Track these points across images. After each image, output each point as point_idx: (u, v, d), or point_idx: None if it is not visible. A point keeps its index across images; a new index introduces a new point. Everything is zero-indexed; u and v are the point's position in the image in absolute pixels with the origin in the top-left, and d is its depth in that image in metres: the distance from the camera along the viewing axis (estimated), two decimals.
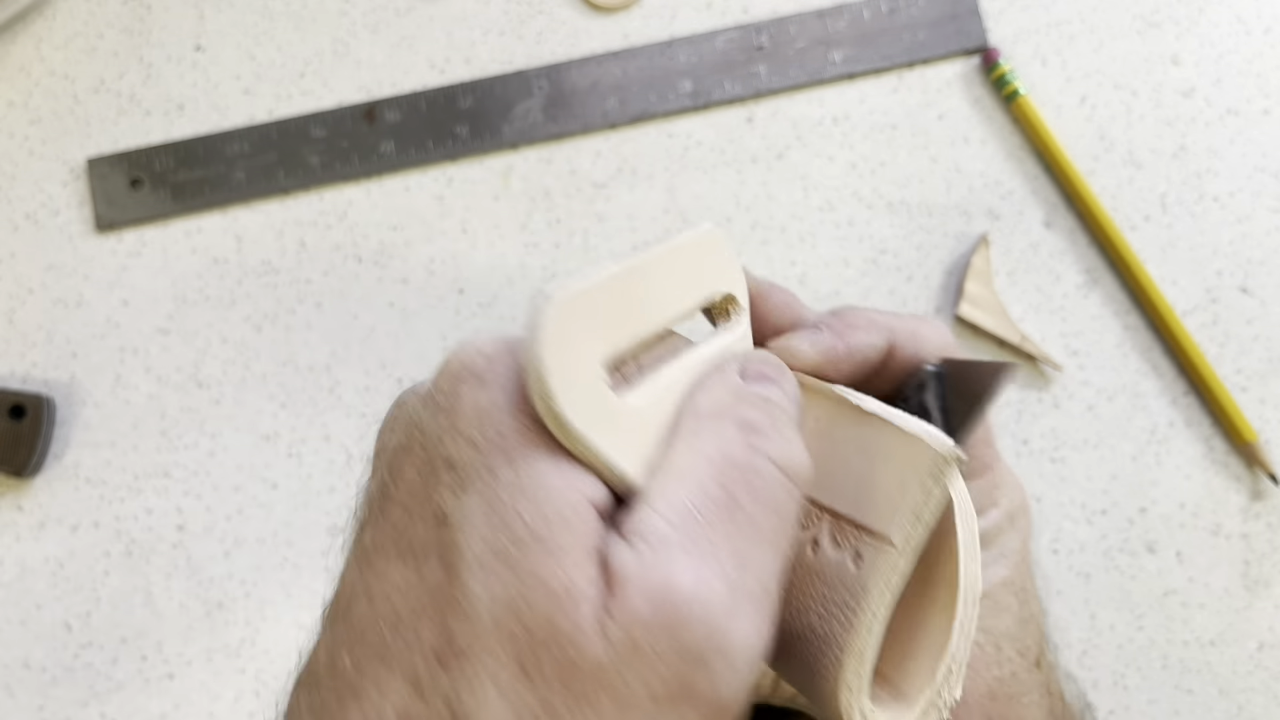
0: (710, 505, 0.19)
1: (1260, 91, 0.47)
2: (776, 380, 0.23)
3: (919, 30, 0.48)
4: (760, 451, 0.20)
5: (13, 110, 0.48)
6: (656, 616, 0.17)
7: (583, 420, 0.19)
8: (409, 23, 0.48)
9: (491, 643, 0.18)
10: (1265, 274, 0.46)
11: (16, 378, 0.46)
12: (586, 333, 0.20)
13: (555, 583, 0.17)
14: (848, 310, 0.28)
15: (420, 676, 0.18)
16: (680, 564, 0.18)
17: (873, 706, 0.22)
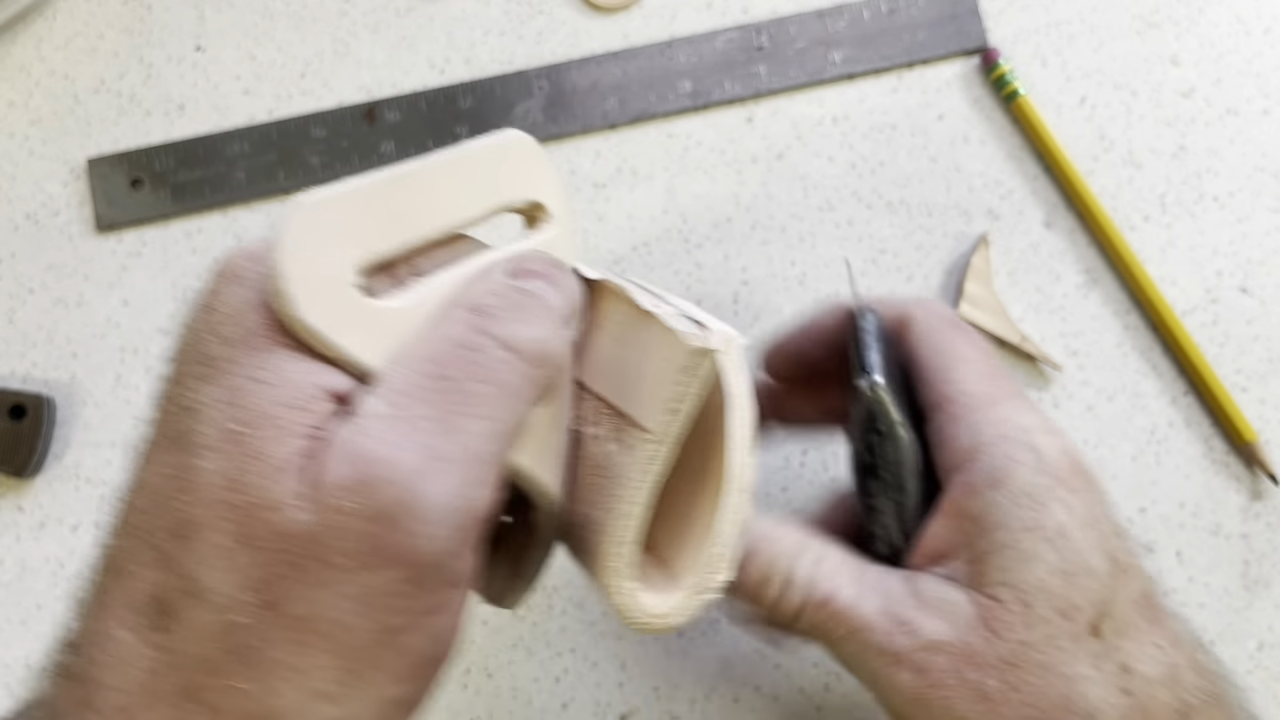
0: (422, 381, 0.20)
1: (1260, 91, 0.47)
2: (543, 275, 0.24)
3: (919, 30, 0.48)
4: (485, 332, 0.21)
5: (13, 110, 0.48)
6: (351, 479, 0.19)
7: (322, 318, 0.20)
8: (409, 23, 0.48)
9: (214, 516, 0.19)
10: (1265, 274, 0.46)
11: (16, 378, 0.46)
12: (339, 237, 0.21)
13: (269, 458, 0.19)
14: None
15: (165, 553, 0.20)
16: (379, 432, 0.19)
17: (635, 585, 0.24)
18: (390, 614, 0.19)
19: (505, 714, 0.42)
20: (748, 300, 0.46)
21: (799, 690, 0.42)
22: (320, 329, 0.20)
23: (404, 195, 0.23)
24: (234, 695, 0.19)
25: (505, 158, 0.26)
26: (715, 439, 0.25)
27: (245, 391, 0.20)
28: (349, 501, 0.19)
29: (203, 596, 0.19)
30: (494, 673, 0.42)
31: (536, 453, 0.24)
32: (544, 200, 0.27)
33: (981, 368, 0.28)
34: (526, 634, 0.43)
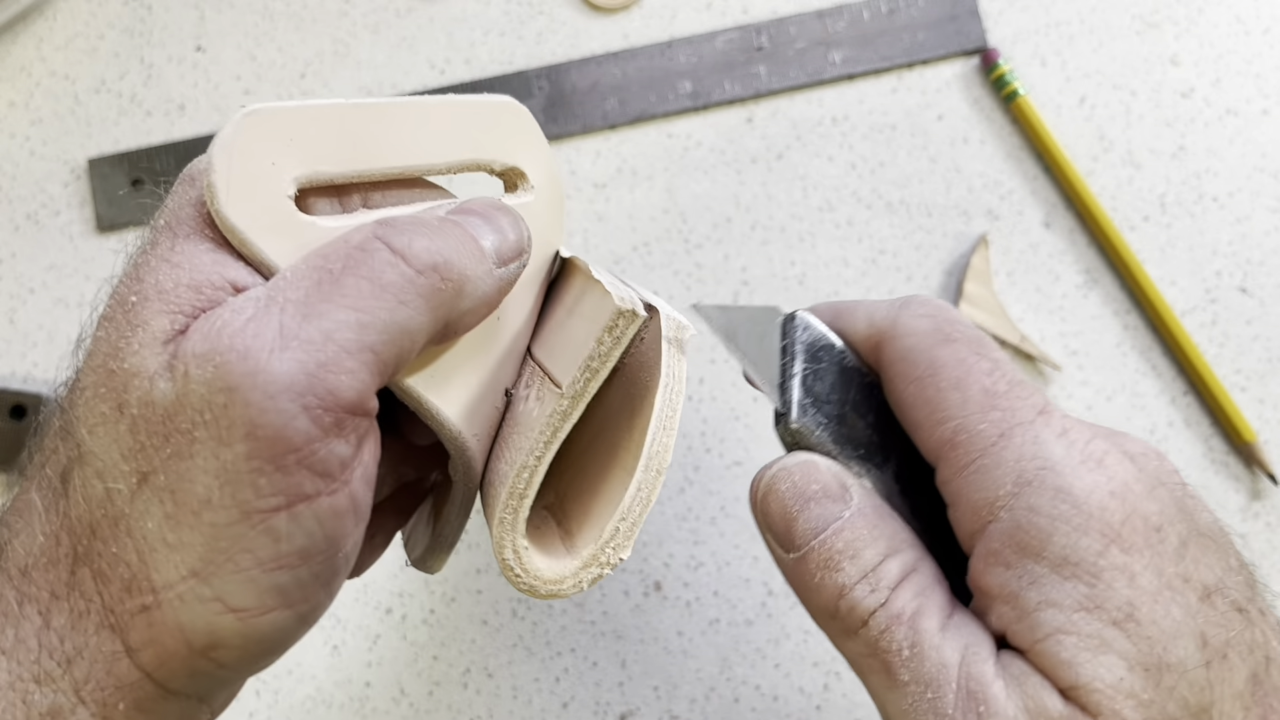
0: (304, 272, 0.21)
1: (1259, 92, 0.47)
2: (480, 213, 0.24)
3: (918, 31, 0.48)
4: (379, 237, 0.21)
5: (14, 110, 0.48)
6: (202, 350, 0.19)
7: (245, 218, 0.21)
8: (409, 23, 0.48)
9: (95, 383, 0.20)
10: (1264, 274, 0.46)
11: (17, 378, 0.46)
12: (284, 148, 0.22)
13: (149, 328, 0.20)
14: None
15: (66, 420, 0.21)
16: (243, 311, 0.20)
17: (527, 544, 0.23)
18: (251, 492, 0.19)
19: (505, 714, 0.42)
20: (747, 300, 0.46)
21: (799, 690, 0.42)
22: (239, 227, 0.21)
23: (371, 124, 0.23)
24: (117, 564, 0.20)
25: (492, 118, 0.26)
26: (642, 417, 0.24)
27: (150, 268, 0.21)
28: (198, 370, 0.19)
29: (88, 462, 0.20)
30: (494, 673, 0.42)
31: (436, 383, 0.24)
32: (526, 169, 0.26)
33: (980, 388, 0.22)
34: (526, 634, 0.43)
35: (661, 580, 0.43)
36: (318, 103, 0.22)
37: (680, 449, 0.44)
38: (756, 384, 0.25)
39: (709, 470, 0.44)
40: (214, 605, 0.20)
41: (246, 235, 0.21)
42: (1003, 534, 0.21)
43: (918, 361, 0.23)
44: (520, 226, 0.25)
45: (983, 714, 0.20)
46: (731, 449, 0.44)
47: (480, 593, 0.43)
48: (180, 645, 0.20)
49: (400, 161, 0.24)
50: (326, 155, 0.23)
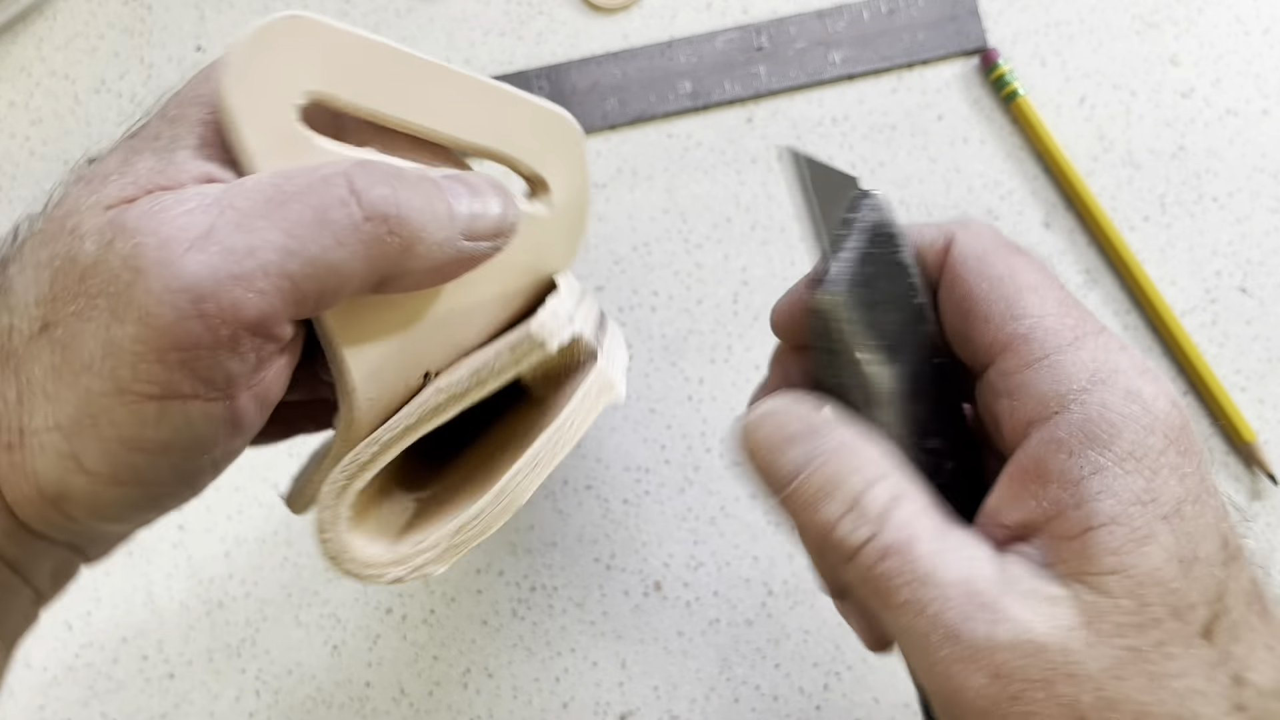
0: (262, 186, 0.21)
1: (1259, 92, 0.47)
2: (468, 183, 0.24)
3: (918, 31, 0.48)
4: (344, 174, 0.21)
5: (14, 110, 0.48)
6: (132, 227, 0.20)
7: (244, 106, 0.21)
8: (409, 23, 0.48)
9: (41, 232, 0.22)
10: (1264, 274, 0.46)
11: None
12: (313, 58, 0.22)
13: (103, 195, 0.21)
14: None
15: (11, 244, 0.23)
16: (185, 202, 0.20)
17: (350, 514, 0.22)
18: (129, 372, 0.20)
19: (505, 714, 0.42)
20: (748, 300, 0.46)
21: (799, 690, 0.42)
22: (235, 109, 0.21)
23: (410, 74, 0.23)
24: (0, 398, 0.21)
25: (541, 123, 0.25)
26: (531, 432, 0.24)
27: (135, 150, 0.22)
28: (120, 243, 0.20)
29: (7, 297, 0.21)
30: (494, 673, 0.42)
31: (354, 331, 0.23)
32: (553, 183, 0.26)
33: (1056, 296, 0.23)
34: (526, 634, 0.43)
35: (661, 580, 0.43)
36: (367, 34, 0.22)
37: (680, 449, 0.44)
38: (812, 241, 0.25)
39: (709, 470, 0.44)
40: (69, 462, 0.20)
41: (238, 120, 0.21)
42: (1072, 424, 0.21)
43: (994, 262, 0.24)
44: (509, 209, 0.24)
45: (993, 620, 0.20)
46: (732, 449, 0.45)
47: (480, 593, 0.43)
48: (32, 490, 0.21)
49: (421, 119, 0.23)
50: (350, 83, 0.22)
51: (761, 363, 0.45)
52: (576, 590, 0.43)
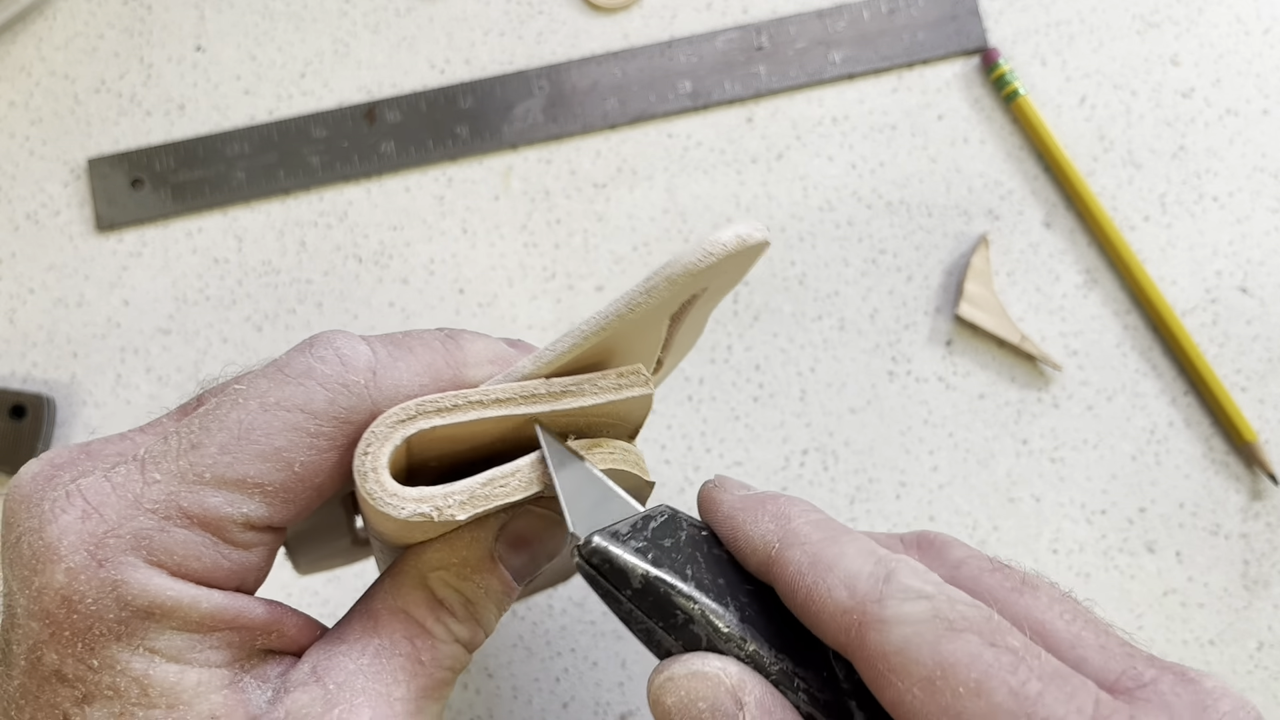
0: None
1: (1259, 92, 0.47)
2: (532, 548, 0.24)
3: (918, 30, 0.48)
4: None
5: (13, 110, 0.48)
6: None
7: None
8: (409, 23, 0.48)
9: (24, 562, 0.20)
10: (1265, 274, 0.46)
11: (17, 378, 0.46)
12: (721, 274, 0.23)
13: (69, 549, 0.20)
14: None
15: None
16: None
17: (399, 445, 0.21)
18: None
19: (505, 714, 0.42)
20: (748, 300, 0.46)
21: None
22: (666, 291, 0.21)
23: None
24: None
25: (692, 340, 0.27)
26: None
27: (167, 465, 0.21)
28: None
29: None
30: (494, 673, 0.42)
31: None
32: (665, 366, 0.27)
33: (1007, 690, 0.18)
34: (526, 634, 0.43)
35: None
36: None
37: (680, 449, 0.44)
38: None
39: (709, 470, 0.44)
40: None
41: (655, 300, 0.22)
42: None
43: (920, 660, 0.19)
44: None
45: None
46: (731, 449, 0.44)
47: None
48: None
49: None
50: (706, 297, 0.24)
51: (761, 362, 0.45)
52: (576, 590, 0.43)
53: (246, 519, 0.21)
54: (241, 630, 0.21)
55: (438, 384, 0.22)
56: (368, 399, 0.21)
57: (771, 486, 0.44)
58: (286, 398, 0.21)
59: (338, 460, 0.21)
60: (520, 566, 0.23)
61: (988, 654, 0.18)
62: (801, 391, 0.45)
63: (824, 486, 0.44)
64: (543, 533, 0.23)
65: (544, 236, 0.46)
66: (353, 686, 0.21)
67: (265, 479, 0.21)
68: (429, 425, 0.21)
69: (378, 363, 0.22)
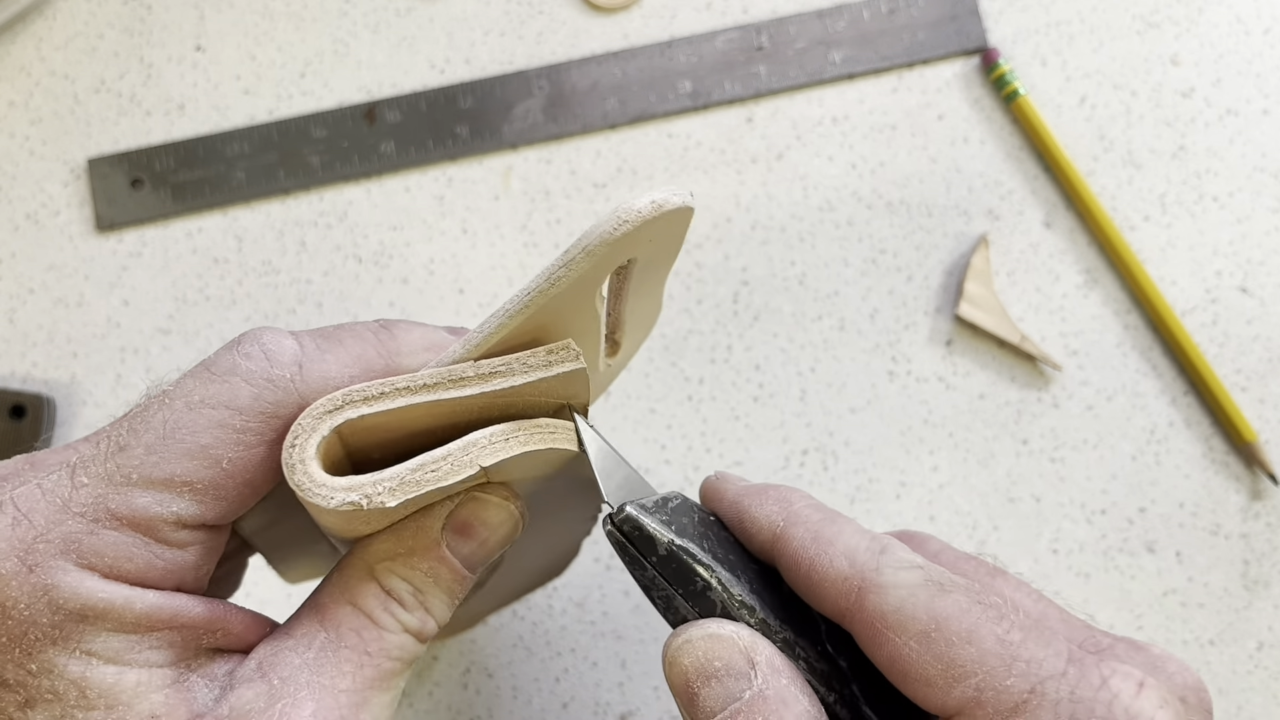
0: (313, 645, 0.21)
1: (1260, 91, 0.47)
2: (479, 535, 0.23)
3: (918, 30, 0.48)
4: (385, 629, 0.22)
5: (13, 110, 0.48)
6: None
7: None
8: (409, 23, 0.48)
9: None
10: (1265, 274, 0.46)
11: (17, 378, 0.46)
12: (650, 241, 0.23)
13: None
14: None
15: None
16: None
17: (328, 436, 0.21)
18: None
19: (505, 714, 0.42)
20: (748, 300, 0.46)
21: None
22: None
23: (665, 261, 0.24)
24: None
25: (653, 312, 0.27)
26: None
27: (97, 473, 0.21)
28: None
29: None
30: (494, 673, 0.42)
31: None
32: (624, 350, 0.27)
33: (994, 638, 0.21)
34: (526, 634, 0.43)
35: None
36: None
37: (680, 449, 0.44)
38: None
39: (709, 470, 0.44)
40: None
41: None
42: None
43: (916, 615, 0.21)
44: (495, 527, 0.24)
45: None
46: (731, 449, 0.44)
47: None
48: None
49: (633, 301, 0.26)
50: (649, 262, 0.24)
51: (761, 362, 0.45)
52: (576, 590, 0.43)
53: (177, 517, 0.21)
54: (182, 630, 0.21)
55: (369, 374, 0.22)
56: (294, 393, 0.21)
57: None
58: (211, 395, 0.21)
59: (267, 455, 0.21)
60: (469, 554, 0.23)
61: (975, 609, 0.21)
62: (801, 391, 0.45)
63: (824, 486, 0.44)
64: (490, 519, 0.23)
65: (544, 236, 0.46)
66: (297, 680, 0.21)
67: (193, 477, 0.21)
68: (356, 415, 0.21)
69: (304, 356, 0.22)
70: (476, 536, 0.23)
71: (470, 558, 0.23)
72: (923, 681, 0.21)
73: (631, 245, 0.22)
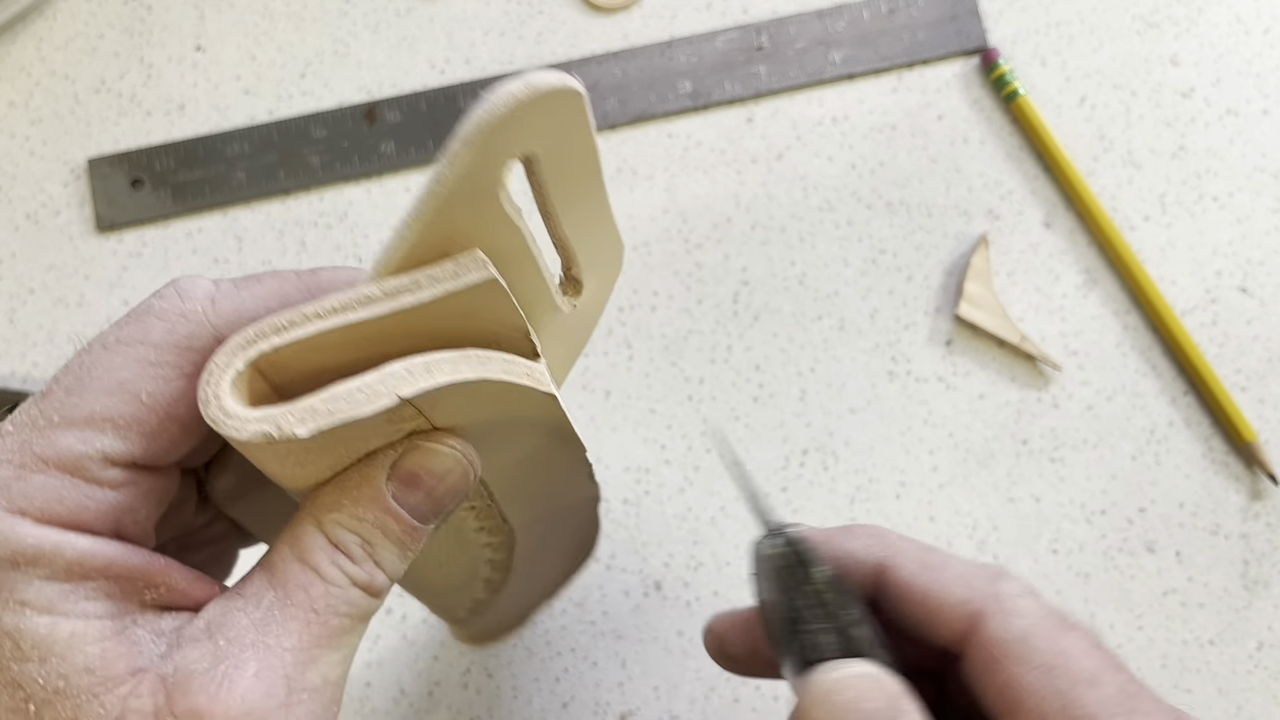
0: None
1: (1259, 92, 0.47)
2: (425, 484, 0.22)
3: (918, 31, 0.48)
4: (337, 580, 0.21)
5: (13, 110, 0.48)
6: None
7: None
8: (409, 23, 0.48)
9: None
10: (1264, 274, 0.46)
11: (17, 378, 0.46)
12: (539, 133, 0.22)
13: None
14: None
15: None
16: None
17: (242, 370, 0.21)
18: None
19: (505, 714, 0.42)
20: (748, 300, 0.46)
21: None
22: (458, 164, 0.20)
23: (585, 171, 0.23)
24: None
25: (610, 240, 0.26)
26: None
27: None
28: None
29: None
30: (494, 673, 0.42)
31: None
32: (585, 291, 0.26)
33: (1118, 687, 0.22)
34: (526, 634, 0.43)
35: (661, 580, 0.43)
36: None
37: (680, 449, 0.44)
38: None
39: (709, 470, 0.44)
40: None
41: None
42: None
43: (1041, 646, 0.22)
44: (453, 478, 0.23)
45: None
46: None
47: None
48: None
49: (561, 209, 0.24)
50: (551, 159, 0.23)
51: (761, 362, 0.45)
52: (576, 590, 0.43)
53: (103, 454, 0.20)
54: (119, 580, 0.20)
55: (281, 298, 0.22)
56: (207, 325, 0.21)
57: (771, 486, 0.44)
58: (126, 334, 0.21)
59: (187, 388, 0.21)
60: (417, 505, 0.22)
61: (1097, 652, 0.22)
62: (801, 391, 0.45)
63: (824, 486, 0.44)
64: (434, 467, 0.22)
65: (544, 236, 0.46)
66: (242, 641, 0.20)
67: (114, 412, 0.20)
68: (270, 347, 0.21)
69: (219, 292, 0.22)
70: (422, 485, 0.22)
71: (418, 508, 0.22)
72: (1036, 714, 0.21)
73: (516, 134, 0.21)
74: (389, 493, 0.22)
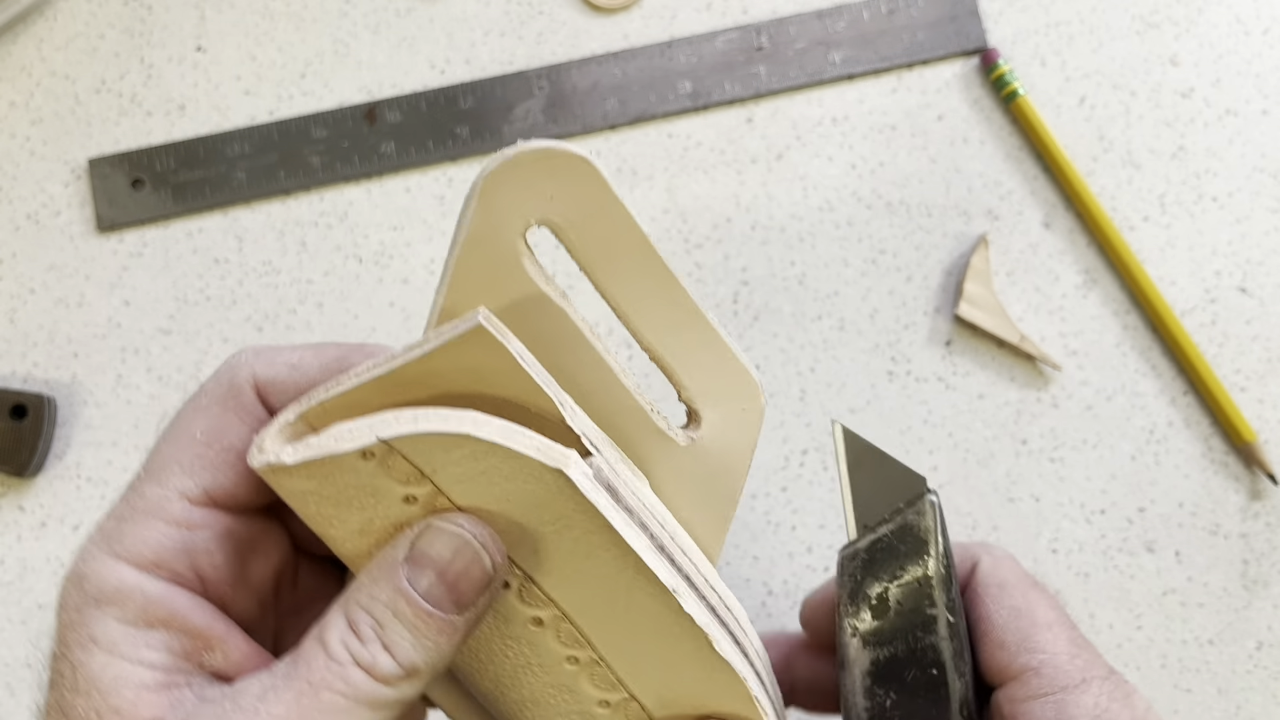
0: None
1: (1259, 92, 0.47)
2: (434, 565, 0.22)
3: (918, 31, 0.48)
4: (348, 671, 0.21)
5: (14, 111, 0.48)
6: None
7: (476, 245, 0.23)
8: (409, 23, 0.48)
9: None
10: (1264, 274, 0.46)
11: (18, 378, 0.46)
12: (556, 200, 0.24)
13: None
14: None
15: None
16: None
17: (280, 433, 0.22)
18: None
19: None
20: (748, 300, 0.46)
21: None
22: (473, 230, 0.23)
23: (639, 257, 0.24)
24: None
25: (728, 371, 0.25)
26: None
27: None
28: None
29: None
30: None
31: None
32: (706, 421, 0.26)
33: (1068, 635, 0.26)
34: None
35: None
36: (626, 206, 0.22)
37: None
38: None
39: None
40: None
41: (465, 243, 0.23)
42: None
43: (1014, 593, 0.26)
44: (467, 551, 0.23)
45: None
46: None
47: None
48: None
49: (621, 301, 0.26)
50: (583, 233, 0.24)
51: (762, 362, 0.45)
52: None
53: (179, 492, 0.22)
54: (179, 633, 0.21)
55: (319, 357, 0.24)
56: (246, 367, 0.23)
57: (771, 486, 0.44)
58: (186, 408, 0.24)
59: (235, 422, 0.23)
60: (429, 588, 0.21)
61: (1058, 611, 0.26)
62: (801, 391, 0.45)
63: (824, 486, 0.44)
64: (441, 547, 0.21)
65: (544, 236, 0.46)
66: (242, 706, 0.21)
67: (181, 454, 0.22)
68: (315, 401, 0.22)
69: (261, 354, 0.24)
70: (430, 565, 0.21)
71: (431, 592, 0.21)
72: (997, 644, 0.26)
73: (524, 192, 0.22)
74: (403, 574, 0.22)
